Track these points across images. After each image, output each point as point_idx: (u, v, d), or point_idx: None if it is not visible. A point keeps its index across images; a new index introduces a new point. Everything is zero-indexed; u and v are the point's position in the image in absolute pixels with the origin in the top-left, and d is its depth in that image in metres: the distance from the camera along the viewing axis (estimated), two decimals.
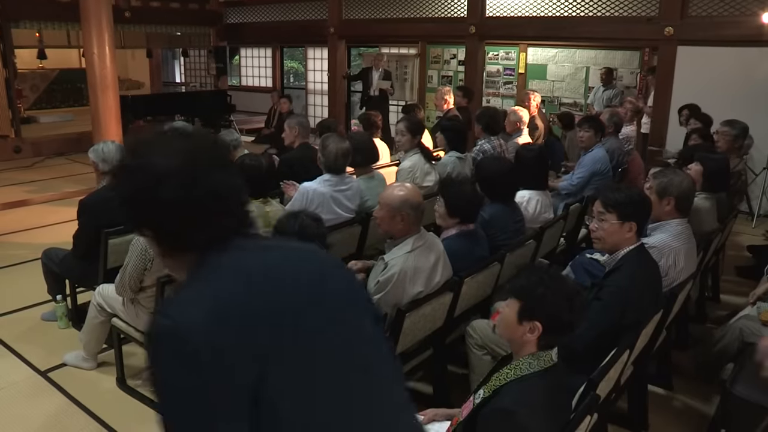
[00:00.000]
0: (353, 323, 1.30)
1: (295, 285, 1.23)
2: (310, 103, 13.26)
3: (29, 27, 10.92)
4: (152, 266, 3.27)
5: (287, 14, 12.51)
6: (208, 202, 1.24)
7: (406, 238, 3.10)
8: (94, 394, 3.75)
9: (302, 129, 5.38)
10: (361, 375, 1.26)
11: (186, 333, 1.11)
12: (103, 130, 7.64)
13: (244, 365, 1.11)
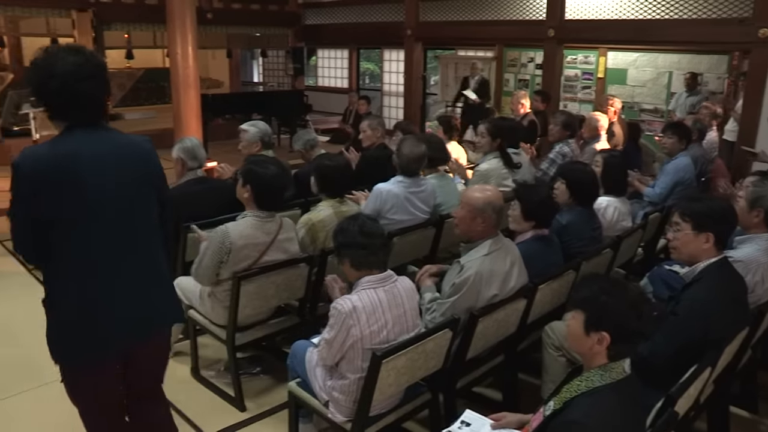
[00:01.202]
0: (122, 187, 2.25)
1: (85, 156, 2.18)
2: (386, 104, 13.31)
3: (119, 29, 11.37)
4: (228, 259, 3.33)
5: (364, 16, 12.60)
6: (77, 98, 2.17)
7: (482, 241, 3.07)
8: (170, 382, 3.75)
9: (382, 130, 5.43)
10: (117, 211, 2.24)
11: (24, 161, 2.13)
12: (184, 127, 7.86)
13: (39, 184, 2.12)
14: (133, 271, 2.30)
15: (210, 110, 9.57)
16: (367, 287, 2.67)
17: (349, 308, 2.59)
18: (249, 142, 4.76)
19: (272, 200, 3.46)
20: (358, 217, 2.84)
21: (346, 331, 2.60)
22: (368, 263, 2.70)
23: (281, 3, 13.07)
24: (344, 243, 2.73)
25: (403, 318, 2.72)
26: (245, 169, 3.46)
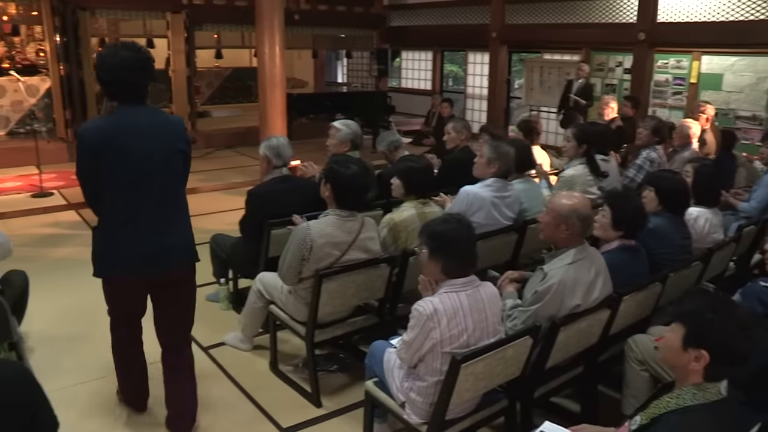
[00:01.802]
0: (157, 152, 2.87)
1: (130, 129, 2.81)
2: (469, 107, 13.23)
3: (210, 30, 11.75)
4: (310, 256, 3.38)
5: (449, 18, 12.56)
6: (123, 84, 2.80)
7: (567, 249, 3.01)
8: (248, 374, 3.96)
9: (466, 132, 5.40)
10: (151, 171, 2.85)
11: (86, 131, 2.85)
12: (269, 125, 8.03)
13: (96, 149, 2.77)
14: (158, 217, 2.92)
15: (295, 109, 9.75)
16: (450, 290, 2.65)
17: (430, 311, 2.58)
18: (340, 141, 4.81)
19: (353, 199, 3.50)
20: (469, 225, 2.75)
21: (426, 333, 2.59)
22: (459, 271, 2.67)
23: (367, 5, 13.19)
24: (445, 247, 2.65)
25: (484, 324, 2.69)
26: (327, 168, 3.51)
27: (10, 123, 10.74)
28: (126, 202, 2.85)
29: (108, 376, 3.88)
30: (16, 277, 4.11)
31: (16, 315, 3.85)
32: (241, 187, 8.18)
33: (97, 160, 2.80)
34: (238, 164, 10.20)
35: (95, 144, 2.79)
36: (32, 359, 4.02)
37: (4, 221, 6.63)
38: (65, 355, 4.17)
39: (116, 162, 2.80)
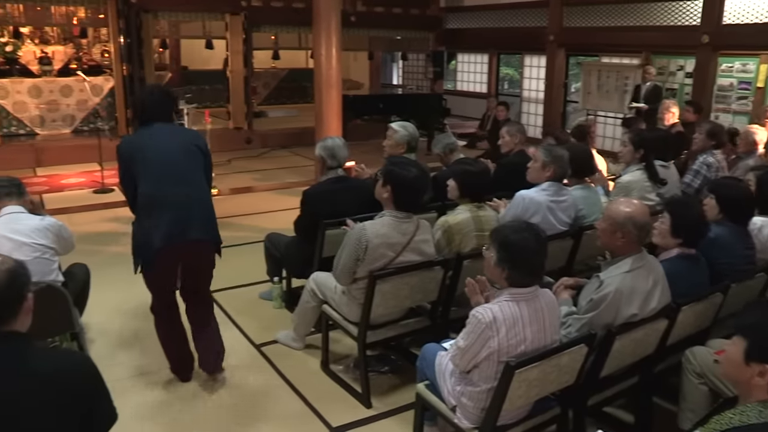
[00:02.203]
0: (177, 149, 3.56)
1: (156, 136, 3.55)
2: (524, 111, 13.08)
3: (267, 31, 11.93)
4: (364, 257, 3.40)
5: (506, 21, 12.46)
6: (153, 110, 3.61)
7: (624, 258, 2.95)
8: (300, 373, 3.99)
9: (522, 136, 5.35)
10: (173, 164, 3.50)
11: (122, 144, 3.61)
12: (325, 126, 8.10)
13: (129, 156, 3.52)
14: (180, 199, 3.49)
15: (350, 110, 9.80)
16: (511, 299, 2.61)
17: (489, 319, 2.54)
18: (396, 142, 4.82)
19: (411, 201, 3.50)
20: (542, 238, 2.68)
21: (484, 341, 2.56)
22: (524, 283, 2.63)
23: (423, 7, 13.18)
24: (514, 258, 2.58)
25: (542, 334, 2.64)
26: (386, 170, 3.51)
27: (75, 121, 11.10)
28: (153, 188, 3.48)
29: (162, 370, 3.98)
30: (79, 271, 4.25)
31: (78, 307, 3.97)
32: (296, 187, 8.29)
33: (130, 163, 3.53)
34: (293, 164, 10.32)
35: (127, 152, 3.56)
36: (91, 350, 4.15)
37: (67, 216, 6.83)
38: (124, 348, 4.29)
39: (144, 161, 3.50)
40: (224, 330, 4.48)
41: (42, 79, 11.11)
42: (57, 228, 3.85)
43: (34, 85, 10.84)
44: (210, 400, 3.70)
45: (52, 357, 2.03)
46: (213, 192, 8.14)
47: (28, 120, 10.79)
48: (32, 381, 1.82)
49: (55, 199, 7.87)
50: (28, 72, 11.38)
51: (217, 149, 9.40)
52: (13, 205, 3.78)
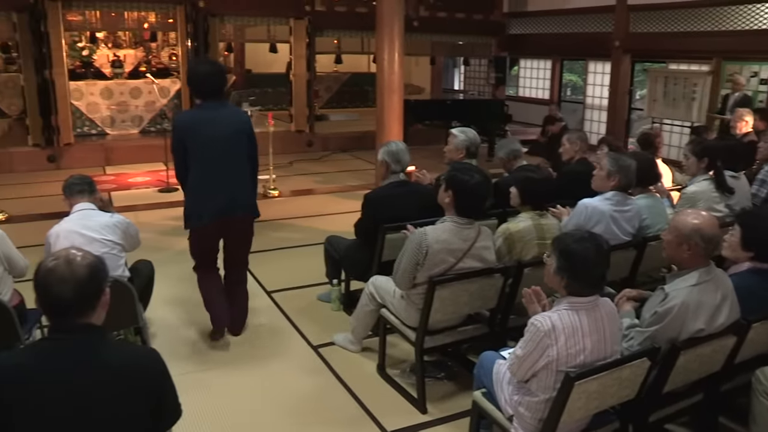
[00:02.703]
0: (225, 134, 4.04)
1: (208, 118, 4.02)
2: (587, 117, 12.87)
3: (330, 35, 12.03)
4: (424, 262, 3.39)
5: (570, 26, 12.29)
6: (203, 85, 4.03)
7: (691, 271, 2.87)
8: (356, 376, 4.01)
9: (583, 144, 5.26)
10: (222, 148, 4.02)
11: (177, 119, 4.28)
12: (386, 130, 8.13)
13: (183, 133, 4.02)
14: (226, 179, 4.07)
15: (411, 115, 9.81)
16: (570, 308, 2.57)
17: (548, 327, 2.51)
18: (455, 147, 4.81)
19: (473, 207, 3.48)
20: (604, 248, 2.62)
21: (542, 350, 2.53)
22: (584, 293, 2.59)
23: (486, 12, 13.11)
24: (574, 268, 2.55)
25: (602, 344, 2.60)
26: (449, 175, 3.50)
27: (143, 122, 11.44)
28: (203, 169, 4.04)
29: (222, 368, 4.06)
30: (144, 267, 4.37)
31: (142, 302, 4.10)
32: (356, 191, 8.36)
33: (183, 139, 4.03)
34: (353, 168, 10.40)
35: (181, 128, 4.07)
36: (154, 344, 4.26)
37: (134, 213, 7.03)
38: (183, 343, 4.39)
39: (195, 140, 4.01)
40: (282, 330, 4.59)
41: (113, 81, 11.53)
42: (125, 225, 3.99)
43: (106, 87, 11.24)
44: (268, 401, 3.75)
45: (124, 350, 2.10)
46: (274, 193, 8.31)
47: (100, 120, 11.19)
48: (105, 373, 1.89)
49: (122, 197, 8.12)
50: (101, 75, 11.83)
51: (279, 151, 9.56)
52: (85, 202, 3.93)
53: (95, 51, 12.40)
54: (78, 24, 10.86)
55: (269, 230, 6.94)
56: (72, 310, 1.90)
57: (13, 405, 1.84)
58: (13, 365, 1.90)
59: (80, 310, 1.91)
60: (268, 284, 5.40)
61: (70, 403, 1.85)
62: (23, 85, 9.88)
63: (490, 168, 6.91)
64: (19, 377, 1.86)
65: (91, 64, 12.07)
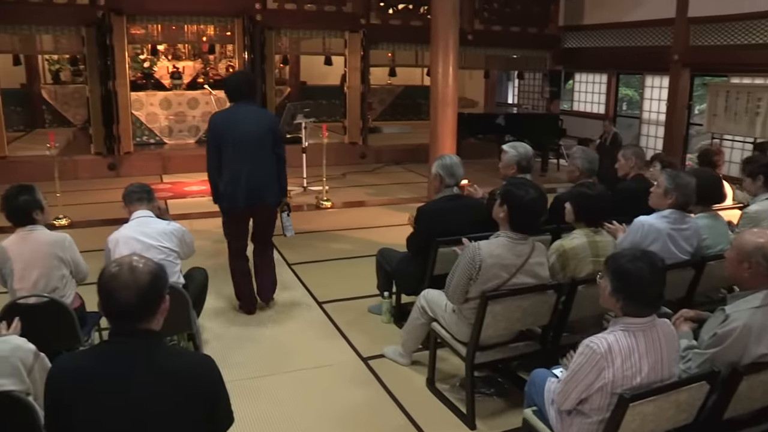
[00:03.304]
0: (252, 131, 4.71)
1: (239, 118, 4.69)
2: (643, 133, 12.60)
3: (384, 48, 12.11)
4: (477, 277, 3.37)
5: (627, 40, 12.08)
6: (235, 90, 4.80)
7: (754, 292, 2.78)
8: (405, 389, 4.00)
9: (638, 160, 5.15)
10: (251, 143, 4.70)
11: (212, 118, 4.83)
12: (439, 143, 8.13)
13: (216, 129, 4.73)
14: (254, 171, 4.71)
15: (464, 129, 9.78)
16: (626, 329, 2.51)
17: (604, 348, 2.46)
18: (507, 163, 4.77)
19: (527, 223, 3.45)
20: (660, 268, 2.56)
21: (598, 372, 2.47)
22: (640, 313, 2.53)
23: (541, 26, 13.01)
24: (629, 289, 2.49)
25: (659, 366, 2.53)
26: (504, 190, 3.48)
27: (200, 132, 11.68)
28: (234, 163, 4.68)
29: (272, 375, 4.11)
30: (198, 274, 4.46)
31: (196, 308, 4.18)
32: (408, 203, 8.37)
33: (216, 136, 4.71)
34: (406, 180, 10.42)
35: (214, 126, 4.73)
36: (206, 350, 4.33)
37: (188, 221, 7.16)
38: (236, 350, 4.45)
39: (227, 135, 4.66)
40: (332, 341, 4.61)
41: (172, 92, 11.85)
42: (181, 233, 4.08)
43: (165, 97, 11.54)
44: (317, 410, 3.77)
45: (180, 356, 2.14)
46: (327, 204, 8.38)
47: (158, 130, 11.49)
48: (163, 378, 1.93)
49: (177, 205, 8.31)
50: (160, 86, 12.18)
51: (333, 163, 9.65)
52: (143, 210, 4.05)
53: (156, 63, 12.79)
54: (140, 37, 11.20)
55: (321, 241, 7.00)
56: (133, 316, 1.95)
57: (73, 405, 1.90)
58: (74, 367, 1.97)
59: (141, 316, 1.96)
60: (319, 295, 5.44)
61: (127, 405, 1.90)
62: (88, 95, 10.27)
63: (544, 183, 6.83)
64: (80, 379, 1.91)
65: (152, 75, 12.45)
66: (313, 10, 11.01)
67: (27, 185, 3.78)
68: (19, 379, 2.47)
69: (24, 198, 3.66)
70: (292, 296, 5.45)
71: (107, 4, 9.83)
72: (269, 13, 10.73)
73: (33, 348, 2.58)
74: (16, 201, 3.66)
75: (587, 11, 12.84)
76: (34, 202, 3.70)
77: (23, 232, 3.69)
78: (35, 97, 13.19)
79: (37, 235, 3.70)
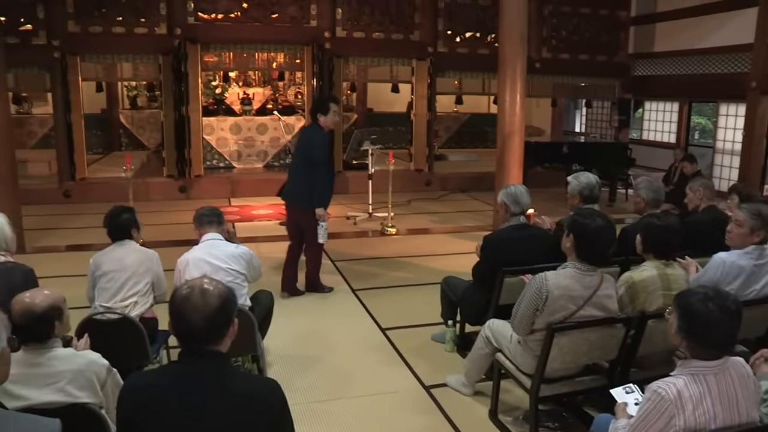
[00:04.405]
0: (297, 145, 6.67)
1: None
2: (717, 162, 12.25)
3: (451, 76, 12.16)
4: (544, 308, 3.32)
5: (700, 67, 11.80)
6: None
7: None
8: (467, 419, 3.94)
9: (707, 191, 4.99)
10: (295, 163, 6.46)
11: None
12: (506, 172, 8.07)
13: None
14: (290, 175, 6.05)
15: (531, 157, 9.69)
16: (696, 372, 2.38)
17: (673, 394, 2.32)
18: (570, 193, 4.71)
19: (594, 253, 3.37)
20: (733, 310, 2.38)
21: (667, 419, 2.32)
22: (709, 356, 2.40)
23: (610, 53, 12.84)
24: (697, 331, 2.37)
25: (735, 410, 2.38)
26: (570, 219, 3.44)
27: (268, 157, 11.96)
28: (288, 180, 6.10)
29: (334, 400, 4.11)
30: (264, 297, 4.53)
31: (261, 331, 4.23)
32: (473, 232, 8.33)
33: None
34: (471, 208, 10.37)
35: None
36: (269, 373, 4.38)
37: (255, 244, 7.30)
38: (298, 374, 4.47)
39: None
40: (394, 368, 4.59)
41: (242, 117, 12.18)
42: (249, 256, 4.17)
43: (236, 123, 11.87)
44: None
45: (247, 379, 2.18)
46: (392, 231, 8.40)
47: (228, 154, 11.81)
48: (230, 400, 1.96)
49: (245, 228, 8.48)
50: (231, 111, 12.53)
51: (398, 189, 9.70)
52: (213, 233, 4.16)
53: (227, 89, 13.20)
54: (213, 64, 11.60)
55: (385, 268, 7.01)
56: (203, 338, 1.99)
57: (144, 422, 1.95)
58: (146, 385, 2.02)
59: (210, 338, 2.00)
60: (382, 321, 5.44)
61: (195, 425, 1.94)
62: (162, 120, 10.70)
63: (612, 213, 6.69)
64: (151, 397, 1.97)
65: (223, 101, 12.84)
66: (381, 38, 11.18)
67: (127, 206, 4.24)
68: (93, 392, 2.57)
69: (126, 216, 4.09)
70: (355, 322, 5.47)
71: (183, 34, 10.23)
72: (338, 41, 10.94)
73: (106, 363, 2.69)
74: (118, 218, 4.07)
75: (658, 38, 12.61)
76: (134, 221, 4.12)
77: (117, 244, 4.07)
78: (114, 122, 13.85)
79: (130, 246, 4.07)
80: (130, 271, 3.98)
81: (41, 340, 2.55)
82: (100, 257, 4.04)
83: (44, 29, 9.84)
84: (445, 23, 11.49)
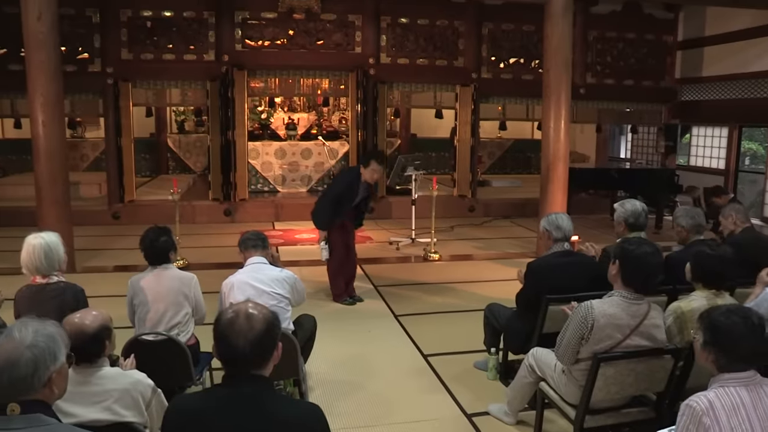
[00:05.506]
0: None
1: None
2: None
3: (495, 102, 12.16)
4: (589, 337, 3.26)
5: (751, 91, 11.56)
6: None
7: None
8: None
9: (738, 215, 4.95)
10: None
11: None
12: (549, 198, 8.00)
13: None
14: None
15: (575, 183, 9.60)
16: (725, 385, 2.36)
17: (705, 405, 2.29)
18: (616, 221, 4.65)
19: (641, 280, 3.31)
20: (756, 323, 2.41)
21: (703, 430, 2.32)
22: (734, 369, 2.37)
23: (656, 78, 12.67)
24: (721, 343, 2.38)
25: None
26: (617, 247, 3.39)
27: (311, 181, 12.07)
28: None
29: (376, 426, 4.09)
30: (307, 321, 4.55)
31: (303, 355, 4.25)
32: (516, 258, 8.26)
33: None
34: (514, 235, 10.28)
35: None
36: (311, 397, 4.38)
37: (298, 268, 7.35)
38: (340, 400, 4.46)
39: None
40: (436, 395, 4.55)
41: (287, 142, 12.34)
42: (293, 280, 4.20)
43: (280, 147, 12.04)
44: None
45: (291, 404, 2.20)
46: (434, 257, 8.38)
47: (272, 178, 11.96)
48: (273, 424, 1.97)
49: (288, 252, 8.54)
50: (276, 136, 12.72)
51: (441, 215, 9.68)
52: (258, 256, 4.21)
53: (272, 114, 13.43)
54: (259, 90, 11.83)
55: (428, 293, 6.99)
56: (247, 362, 2.01)
57: None
58: (191, 409, 2.05)
59: (254, 363, 2.02)
60: (424, 347, 5.41)
61: None
62: (209, 144, 10.92)
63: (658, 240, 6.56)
64: (196, 420, 1.99)
65: (268, 126, 13.07)
66: (425, 65, 11.23)
67: (164, 227, 4.14)
68: (138, 411, 2.62)
69: (164, 239, 4.03)
70: (397, 347, 5.45)
71: (231, 60, 10.45)
72: (382, 67, 11.04)
73: (152, 383, 2.73)
74: (157, 242, 4.02)
75: (706, 63, 12.41)
76: (172, 243, 4.10)
77: (158, 270, 4.03)
78: (162, 146, 14.17)
79: (169, 272, 4.05)
80: (168, 301, 3.95)
81: (91, 360, 2.62)
82: (137, 283, 4.01)
83: (99, 57, 10.18)
84: (489, 49, 11.51)
